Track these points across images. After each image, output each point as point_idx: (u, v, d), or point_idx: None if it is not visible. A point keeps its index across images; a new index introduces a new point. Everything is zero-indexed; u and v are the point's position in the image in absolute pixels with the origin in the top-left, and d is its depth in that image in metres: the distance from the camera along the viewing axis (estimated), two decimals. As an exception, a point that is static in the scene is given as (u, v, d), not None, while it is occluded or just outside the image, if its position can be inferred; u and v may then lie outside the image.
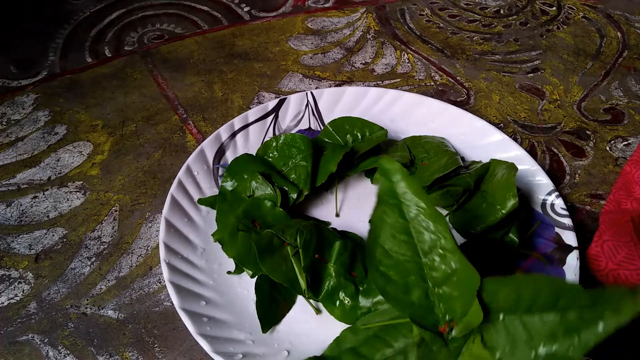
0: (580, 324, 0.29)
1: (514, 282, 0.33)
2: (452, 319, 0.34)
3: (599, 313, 0.28)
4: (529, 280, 0.32)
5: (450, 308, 0.35)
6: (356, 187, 0.54)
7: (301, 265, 0.42)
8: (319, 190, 0.53)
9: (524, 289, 0.32)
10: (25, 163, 0.59)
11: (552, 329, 0.30)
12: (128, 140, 0.62)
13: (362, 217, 0.50)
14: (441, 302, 0.35)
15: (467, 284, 0.34)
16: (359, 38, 0.79)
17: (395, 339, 0.36)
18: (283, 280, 0.42)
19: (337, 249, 0.43)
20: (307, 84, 0.70)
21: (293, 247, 0.43)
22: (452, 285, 0.34)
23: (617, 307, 0.27)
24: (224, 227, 0.47)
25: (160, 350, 0.43)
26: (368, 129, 0.54)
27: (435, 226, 0.35)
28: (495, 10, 0.85)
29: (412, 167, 0.52)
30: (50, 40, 0.78)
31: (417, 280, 0.36)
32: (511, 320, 0.32)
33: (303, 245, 0.42)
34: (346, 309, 0.42)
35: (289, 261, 0.43)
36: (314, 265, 0.43)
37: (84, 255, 0.50)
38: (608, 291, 0.28)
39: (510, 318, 0.32)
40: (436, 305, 0.35)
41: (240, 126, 0.58)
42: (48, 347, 0.43)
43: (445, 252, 0.35)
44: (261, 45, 0.77)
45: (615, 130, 0.62)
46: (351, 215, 0.51)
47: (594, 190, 0.55)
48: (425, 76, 0.71)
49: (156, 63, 0.74)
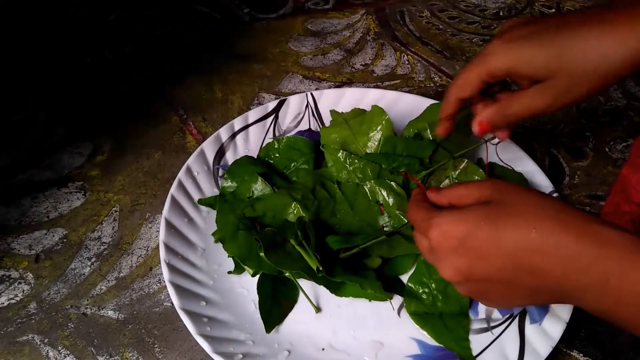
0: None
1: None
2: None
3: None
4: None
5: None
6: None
7: (308, 252, 0.42)
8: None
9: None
10: (25, 163, 0.59)
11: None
12: (128, 141, 0.62)
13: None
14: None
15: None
16: (359, 39, 0.79)
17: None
18: (291, 268, 0.42)
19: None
20: (307, 85, 0.70)
21: (296, 240, 0.43)
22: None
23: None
24: (224, 227, 0.47)
25: (160, 351, 0.43)
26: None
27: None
28: (494, 12, 0.85)
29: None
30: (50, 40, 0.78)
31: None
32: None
33: (307, 230, 0.43)
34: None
35: (293, 254, 0.43)
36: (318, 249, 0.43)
37: (84, 255, 0.50)
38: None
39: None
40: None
41: (241, 127, 0.58)
42: (48, 347, 0.43)
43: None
44: (261, 46, 0.77)
45: (614, 132, 0.62)
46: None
47: (593, 191, 0.55)
48: (425, 77, 0.71)
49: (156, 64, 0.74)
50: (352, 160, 0.49)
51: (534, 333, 0.40)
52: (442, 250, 0.32)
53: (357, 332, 0.43)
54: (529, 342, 0.40)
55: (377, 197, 0.48)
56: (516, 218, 0.29)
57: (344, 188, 0.48)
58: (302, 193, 0.47)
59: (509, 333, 0.41)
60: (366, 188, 0.48)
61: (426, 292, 0.44)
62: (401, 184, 0.47)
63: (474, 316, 0.43)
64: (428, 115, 0.51)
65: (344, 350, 0.41)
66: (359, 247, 0.43)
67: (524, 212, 0.30)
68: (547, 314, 0.41)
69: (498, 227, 0.30)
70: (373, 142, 0.50)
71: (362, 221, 0.47)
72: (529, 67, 0.35)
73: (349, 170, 0.49)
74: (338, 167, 0.49)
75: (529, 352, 0.39)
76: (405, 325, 0.43)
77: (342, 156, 0.49)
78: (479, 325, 0.42)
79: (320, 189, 0.48)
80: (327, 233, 0.45)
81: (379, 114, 0.50)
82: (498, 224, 0.30)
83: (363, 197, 0.48)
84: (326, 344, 0.42)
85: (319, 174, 0.50)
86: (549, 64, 0.34)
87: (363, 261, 0.45)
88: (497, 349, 0.40)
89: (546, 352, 0.39)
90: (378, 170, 0.48)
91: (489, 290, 0.32)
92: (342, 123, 0.51)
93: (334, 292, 0.43)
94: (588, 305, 0.29)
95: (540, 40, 0.34)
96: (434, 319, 0.42)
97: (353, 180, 0.49)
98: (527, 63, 0.35)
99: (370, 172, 0.48)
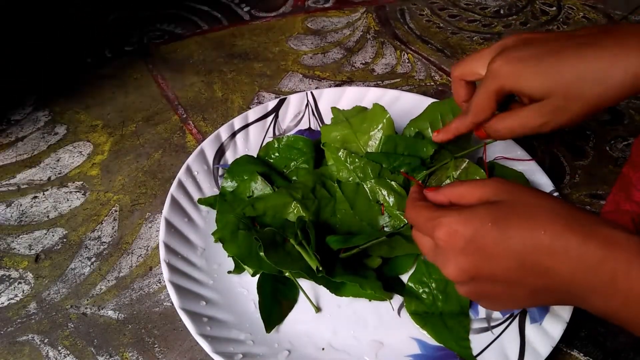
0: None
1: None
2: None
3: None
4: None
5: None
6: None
7: (308, 251, 0.42)
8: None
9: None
10: (25, 163, 0.59)
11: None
12: (128, 141, 0.62)
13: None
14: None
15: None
16: (359, 38, 0.79)
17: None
18: (291, 268, 0.42)
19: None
20: (307, 84, 0.70)
21: (296, 240, 0.43)
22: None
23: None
24: (224, 226, 0.47)
25: (160, 351, 0.43)
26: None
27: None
28: (495, 10, 0.85)
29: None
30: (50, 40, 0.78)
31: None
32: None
33: (307, 229, 0.43)
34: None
35: (293, 254, 0.43)
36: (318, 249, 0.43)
37: (84, 255, 0.50)
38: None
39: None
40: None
41: (240, 126, 0.58)
42: (48, 347, 0.43)
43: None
44: (261, 45, 0.77)
45: (615, 130, 0.62)
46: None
47: (594, 190, 0.55)
48: (425, 76, 0.71)
49: (156, 63, 0.74)
50: (352, 159, 0.49)
51: (534, 333, 0.40)
52: (449, 250, 0.32)
53: (357, 332, 0.42)
54: (529, 341, 0.40)
55: (378, 196, 0.47)
56: (526, 219, 0.30)
57: (344, 187, 0.48)
58: (303, 192, 0.47)
59: (509, 333, 0.41)
60: (366, 187, 0.48)
61: (426, 291, 0.44)
62: (402, 184, 0.47)
63: (474, 316, 0.43)
64: (429, 114, 0.51)
65: (344, 350, 0.41)
66: (359, 247, 0.43)
67: (535, 214, 0.30)
68: (547, 314, 0.41)
69: (507, 228, 0.30)
70: (374, 141, 0.50)
71: (362, 221, 0.47)
72: (529, 89, 0.37)
73: (349, 169, 0.49)
74: (338, 166, 0.49)
75: (529, 352, 0.39)
76: (406, 325, 0.43)
77: (343, 155, 0.49)
78: (479, 324, 0.42)
79: (321, 188, 0.48)
80: (327, 232, 0.45)
81: (380, 112, 0.50)
82: (507, 224, 0.30)
83: (363, 197, 0.48)
84: (326, 344, 0.42)
85: (320, 173, 0.50)
86: (547, 87, 0.36)
87: (363, 261, 0.45)
88: (498, 348, 0.40)
89: (546, 351, 0.39)
90: (379, 169, 0.48)
91: (491, 290, 0.32)
92: (343, 121, 0.51)
93: (334, 292, 0.43)
94: (594, 307, 0.29)
95: (540, 63, 0.36)
96: (434, 318, 0.42)
97: (354, 180, 0.49)
98: (527, 86, 0.37)
99: (370, 171, 0.48)
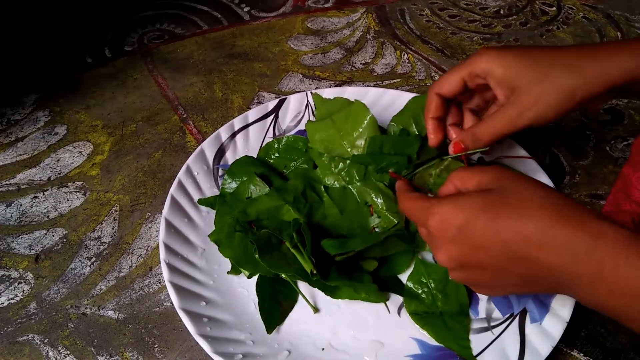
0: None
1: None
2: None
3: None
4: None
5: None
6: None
7: (303, 254, 0.42)
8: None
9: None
10: (25, 163, 0.59)
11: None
12: (128, 141, 0.62)
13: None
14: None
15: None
16: (359, 38, 0.79)
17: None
18: (286, 271, 0.42)
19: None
20: (307, 84, 0.70)
21: (291, 242, 0.43)
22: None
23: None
24: (221, 228, 0.47)
25: (160, 351, 0.43)
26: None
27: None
28: (495, 11, 0.85)
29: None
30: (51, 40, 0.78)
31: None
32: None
33: (302, 233, 0.43)
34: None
35: (289, 256, 0.43)
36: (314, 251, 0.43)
37: (84, 255, 0.50)
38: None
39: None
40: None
41: (240, 126, 0.58)
42: (48, 347, 0.43)
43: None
44: (261, 45, 0.77)
45: (615, 130, 0.62)
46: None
47: (594, 190, 0.55)
48: (425, 76, 0.71)
49: (156, 63, 0.74)
50: (336, 163, 0.48)
51: (534, 332, 0.40)
52: (440, 238, 0.33)
53: (357, 332, 0.42)
54: (529, 341, 0.40)
55: (366, 198, 0.47)
56: (516, 208, 0.30)
57: (332, 192, 0.48)
58: (294, 195, 0.47)
59: (509, 332, 0.41)
60: (354, 190, 0.48)
61: (426, 291, 0.44)
62: (388, 184, 0.47)
63: (474, 315, 0.43)
64: (411, 109, 0.51)
65: (344, 350, 0.41)
66: (354, 251, 0.43)
67: (526, 204, 0.30)
68: (547, 314, 0.41)
69: (496, 217, 0.30)
70: (360, 142, 0.49)
71: (353, 223, 0.47)
72: (503, 71, 0.39)
73: (334, 173, 0.49)
74: (324, 171, 0.49)
75: (530, 352, 0.39)
76: (405, 325, 0.43)
77: (326, 159, 0.49)
78: (479, 324, 0.42)
79: (311, 192, 0.48)
80: (322, 234, 0.45)
81: (363, 111, 0.49)
82: (496, 213, 0.30)
83: (351, 200, 0.48)
84: (326, 344, 0.42)
85: (308, 177, 0.49)
86: (519, 75, 0.39)
87: (359, 263, 0.45)
88: (498, 348, 0.40)
89: (546, 351, 0.39)
90: (364, 171, 0.48)
91: (480, 277, 0.33)
92: (326, 118, 0.51)
93: (329, 294, 0.43)
94: (581, 296, 0.30)
95: (515, 50, 0.40)
96: (434, 318, 0.42)
97: (340, 183, 0.48)
98: (503, 67, 0.39)
99: (356, 173, 0.48)
